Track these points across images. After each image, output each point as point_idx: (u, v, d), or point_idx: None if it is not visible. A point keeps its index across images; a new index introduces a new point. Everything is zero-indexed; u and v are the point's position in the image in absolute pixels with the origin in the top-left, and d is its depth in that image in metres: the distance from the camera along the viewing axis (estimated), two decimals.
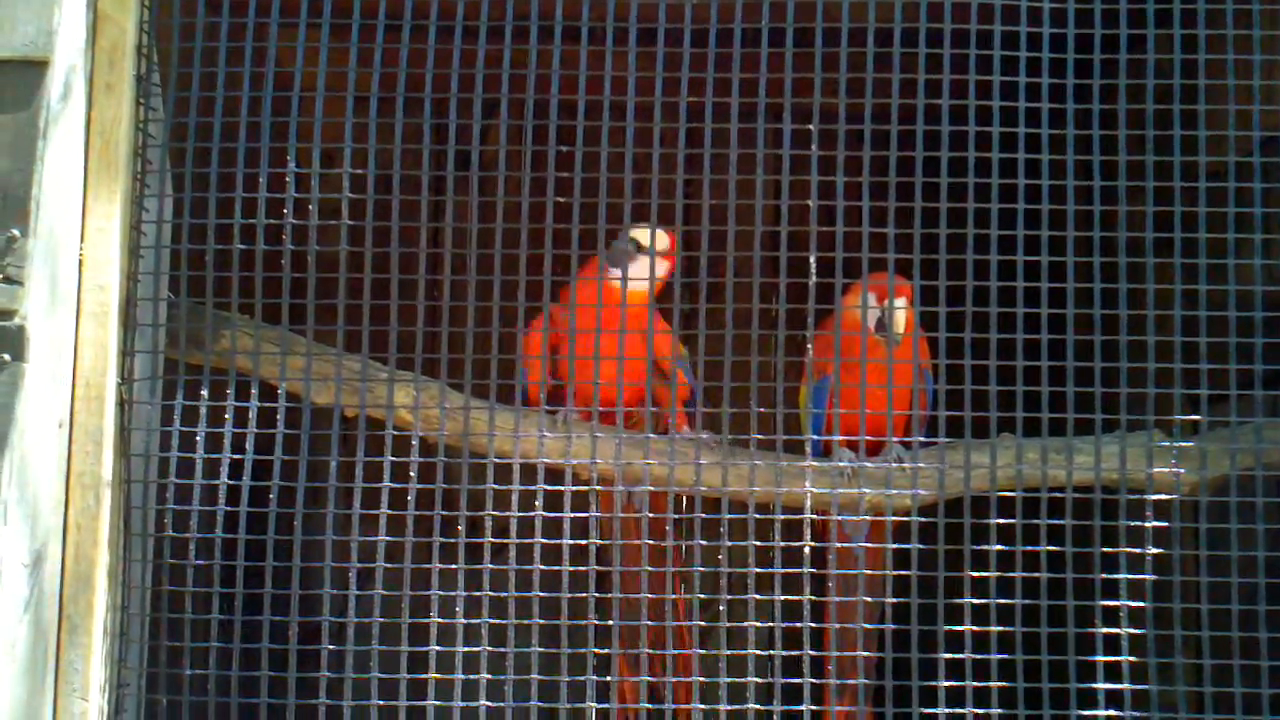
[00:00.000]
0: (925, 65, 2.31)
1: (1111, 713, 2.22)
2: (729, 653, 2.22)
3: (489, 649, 2.19)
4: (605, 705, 2.21)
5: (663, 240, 2.55)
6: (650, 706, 2.22)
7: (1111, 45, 2.32)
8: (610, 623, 2.25)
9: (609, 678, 2.23)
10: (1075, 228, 2.32)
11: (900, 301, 2.56)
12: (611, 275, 2.54)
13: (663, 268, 2.53)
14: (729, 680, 2.21)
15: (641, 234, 2.57)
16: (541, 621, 2.21)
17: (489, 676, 2.18)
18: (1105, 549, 2.27)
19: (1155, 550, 2.26)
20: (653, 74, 2.32)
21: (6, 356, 2.04)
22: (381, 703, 2.19)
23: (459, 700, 2.17)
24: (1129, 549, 2.26)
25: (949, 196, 2.29)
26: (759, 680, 2.23)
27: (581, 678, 2.18)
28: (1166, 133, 2.32)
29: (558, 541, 2.21)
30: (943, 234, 2.28)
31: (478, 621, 2.19)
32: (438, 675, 2.17)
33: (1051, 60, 2.30)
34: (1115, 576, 2.26)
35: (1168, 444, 2.40)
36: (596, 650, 2.24)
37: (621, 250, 2.58)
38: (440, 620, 2.19)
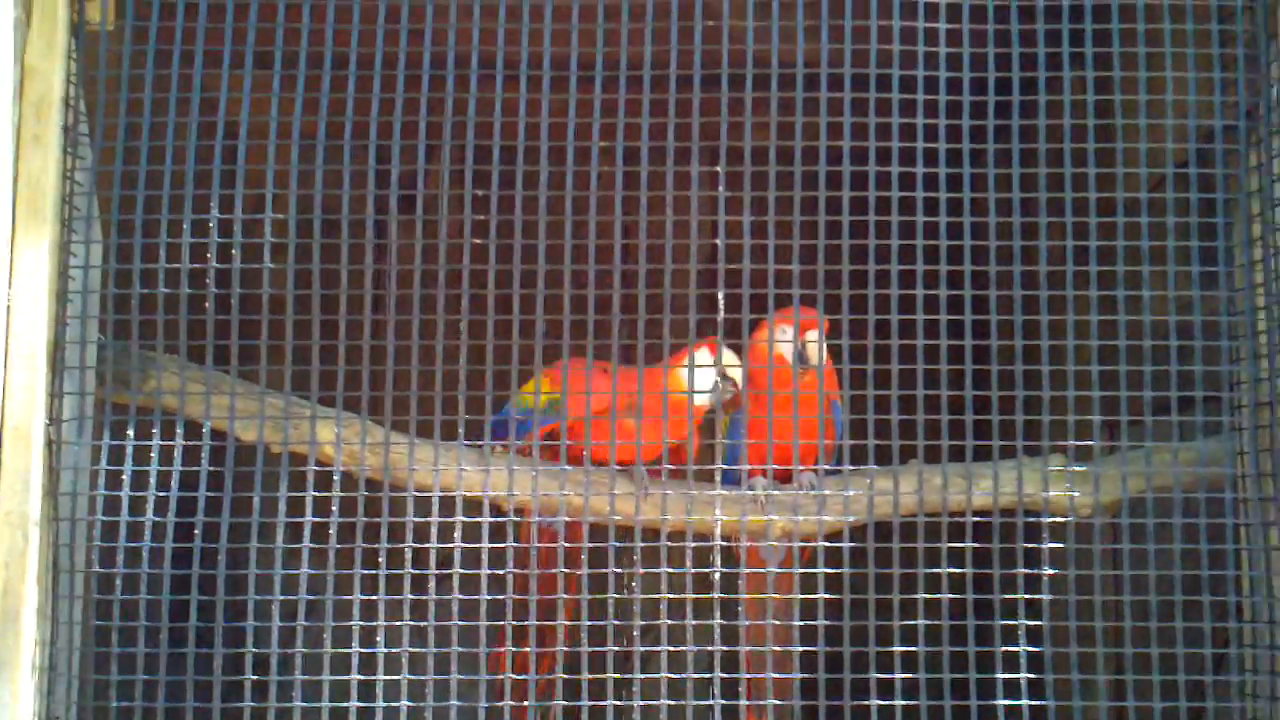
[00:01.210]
0: (828, 106, 2.41)
1: None
2: (643, 676, 2.29)
3: (409, 677, 2.25)
4: None
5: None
6: None
7: (1028, 86, 2.43)
8: (529, 650, 2.32)
9: (526, 703, 2.29)
10: (972, 262, 2.42)
11: (812, 334, 2.65)
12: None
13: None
14: (644, 704, 2.28)
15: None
16: (460, 650, 2.27)
17: (409, 704, 2.24)
18: (1004, 570, 2.36)
19: (1051, 571, 2.36)
20: (582, 119, 2.41)
21: None
22: None
23: None
24: (1026, 570, 2.36)
25: (853, 234, 2.39)
26: (671, 703, 2.30)
27: (500, 704, 2.24)
28: (1058, 171, 2.43)
29: (475, 572, 2.29)
30: (845, 270, 2.38)
31: (398, 651, 2.25)
32: (360, 704, 2.23)
33: (971, 97, 2.41)
34: (1016, 596, 2.35)
35: (1063, 469, 2.51)
36: (514, 677, 2.30)
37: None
38: (362, 650, 2.25)
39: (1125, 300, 2.44)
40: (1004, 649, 2.32)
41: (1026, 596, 2.35)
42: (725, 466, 2.49)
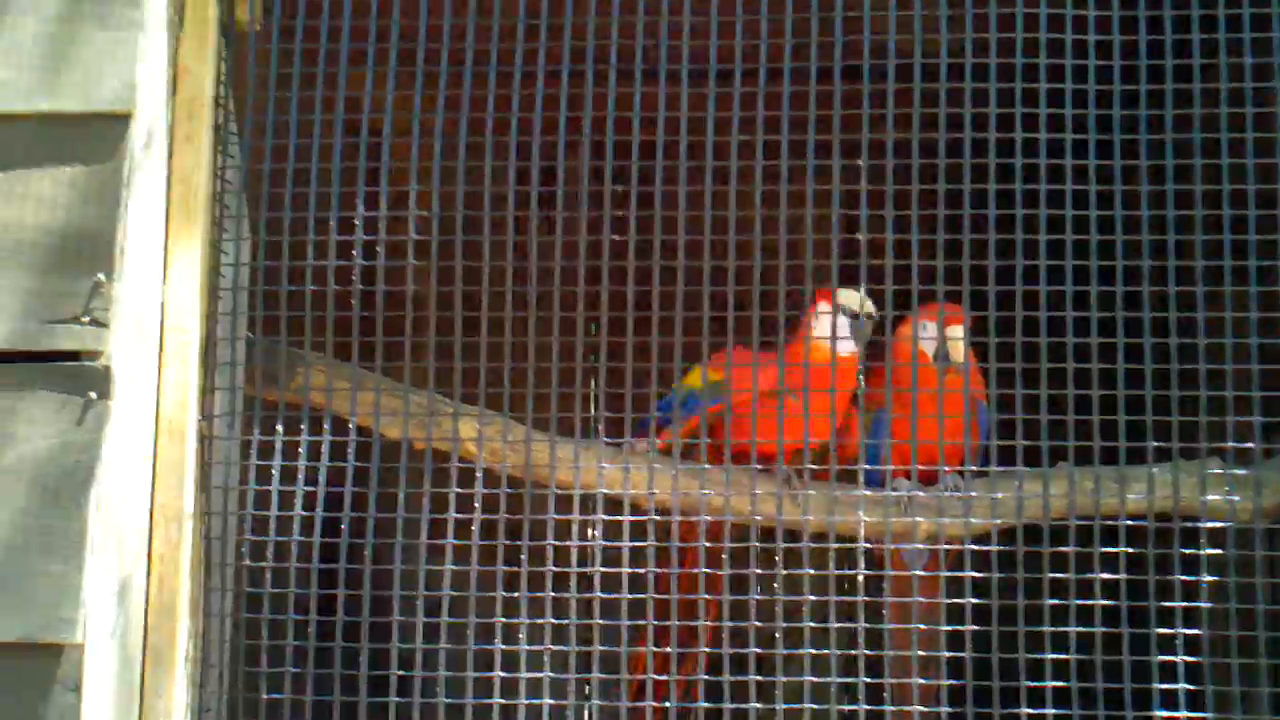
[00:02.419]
0: (972, 99, 2.36)
1: None
2: (786, 679, 2.26)
3: (551, 675, 2.26)
4: None
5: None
6: None
7: (1182, 73, 2.35)
8: (670, 650, 2.30)
9: (668, 703, 2.28)
10: (1124, 256, 2.34)
11: (956, 330, 2.60)
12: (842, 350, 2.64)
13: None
14: (786, 707, 2.25)
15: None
16: (602, 649, 2.27)
17: (551, 702, 2.24)
18: (1160, 577, 2.28)
19: (1210, 578, 2.28)
20: (719, 113, 2.39)
21: (94, 395, 2.13)
22: None
23: None
24: (1184, 577, 2.28)
25: (999, 228, 2.33)
26: (815, 707, 2.27)
27: (641, 704, 2.23)
28: (1214, 162, 2.34)
29: (616, 570, 2.28)
30: (991, 265, 2.32)
31: (540, 648, 2.25)
32: (502, 700, 2.24)
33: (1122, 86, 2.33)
34: (1174, 604, 2.27)
35: (1222, 471, 2.41)
36: (656, 677, 2.29)
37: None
38: (504, 648, 2.26)
39: None
40: (1161, 658, 2.25)
41: (1184, 604, 2.26)
42: (868, 467, 2.44)
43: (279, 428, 2.37)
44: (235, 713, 2.31)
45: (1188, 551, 2.29)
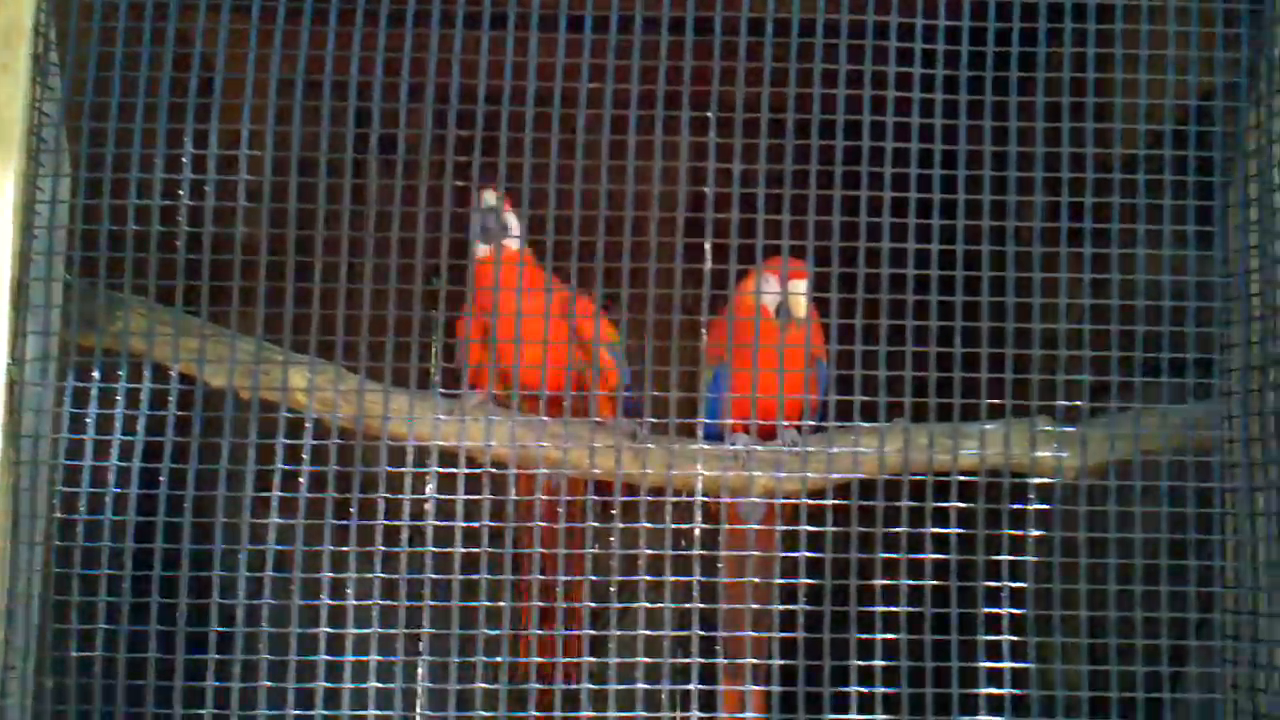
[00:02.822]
0: (820, 55, 2.35)
1: (992, 690, 2.28)
2: (619, 633, 2.25)
3: (380, 630, 2.21)
4: (494, 686, 2.23)
5: (490, 196, 2.57)
6: (540, 687, 2.25)
7: (1004, 37, 2.37)
8: (502, 604, 2.27)
9: (498, 658, 2.25)
10: (965, 216, 2.37)
11: (798, 285, 2.60)
12: (480, 252, 2.57)
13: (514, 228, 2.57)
14: (619, 660, 2.24)
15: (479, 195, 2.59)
16: (433, 604, 2.23)
17: (379, 658, 2.20)
18: (989, 531, 2.33)
19: (1037, 532, 2.33)
20: (560, 61, 2.34)
21: None
22: (270, 684, 2.20)
23: (349, 682, 2.19)
24: (1012, 531, 2.32)
25: (845, 184, 2.33)
26: (649, 660, 2.27)
27: (471, 659, 2.20)
28: (1055, 125, 2.38)
29: (449, 524, 2.24)
30: (836, 221, 2.33)
31: (368, 603, 2.21)
32: (327, 657, 2.19)
33: (946, 53, 2.34)
34: (1001, 558, 2.32)
35: (1050, 429, 2.47)
36: (486, 632, 2.26)
37: (480, 222, 2.60)
38: (331, 603, 2.21)
39: (1118, 259, 2.40)
40: (987, 610, 2.29)
41: (1011, 558, 2.31)
42: (707, 421, 2.44)
43: (95, 374, 2.26)
44: (43, 670, 2.22)
45: (1016, 507, 2.33)
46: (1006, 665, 2.29)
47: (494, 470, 2.34)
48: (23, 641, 2.19)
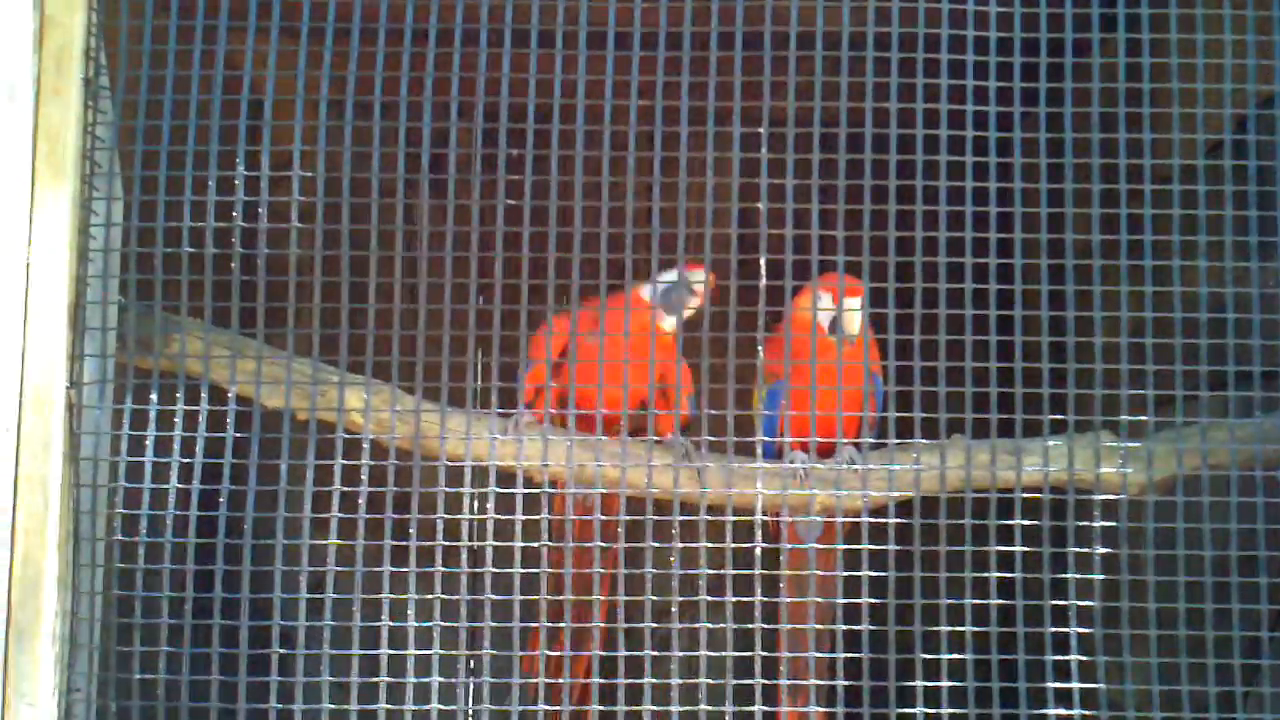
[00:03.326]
0: (872, 69, 2.34)
1: (1060, 711, 2.24)
2: (681, 654, 2.22)
3: (440, 652, 2.19)
4: (557, 709, 2.20)
5: (698, 279, 2.57)
6: (603, 709, 2.21)
7: (1058, 49, 2.35)
8: (563, 625, 2.25)
9: (561, 679, 2.22)
10: (1024, 230, 2.34)
11: (853, 302, 2.57)
12: (665, 319, 2.58)
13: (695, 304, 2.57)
14: (680, 682, 2.21)
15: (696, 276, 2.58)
16: (494, 624, 2.21)
17: (440, 679, 2.18)
18: (1055, 549, 2.29)
19: (1104, 550, 2.29)
20: (609, 78, 2.33)
21: None
22: (332, 706, 2.18)
23: (410, 704, 2.17)
24: (1077, 549, 2.28)
25: (899, 199, 2.31)
26: (712, 682, 2.23)
27: (534, 679, 2.17)
28: (1112, 136, 2.35)
29: (509, 544, 2.21)
30: (891, 236, 2.30)
31: (429, 625, 2.18)
32: (389, 679, 2.16)
33: (999, 65, 2.32)
34: (1067, 576, 2.28)
35: (1115, 445, 2.43)
36: (550, 653, 2.23)
37: (679, 294, 2.59)
38: (391, 624, 2.19)
39: (1180, 271, 2.36)
40: (1054, 630, 2.25)
41: (1077, 576, 2.27)
42: (765, 439, 2.41)
43: (153, 397, 2.25)
44: (106, 693, 2.20)
45: (1082, 524, 2.29)
46: (1075, 685, 2.24)
47: (552, 490, 2.32)
48: (85, 664, 2.18)
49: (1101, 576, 2.28)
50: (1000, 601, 2.25)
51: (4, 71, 2.16)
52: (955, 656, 2.22)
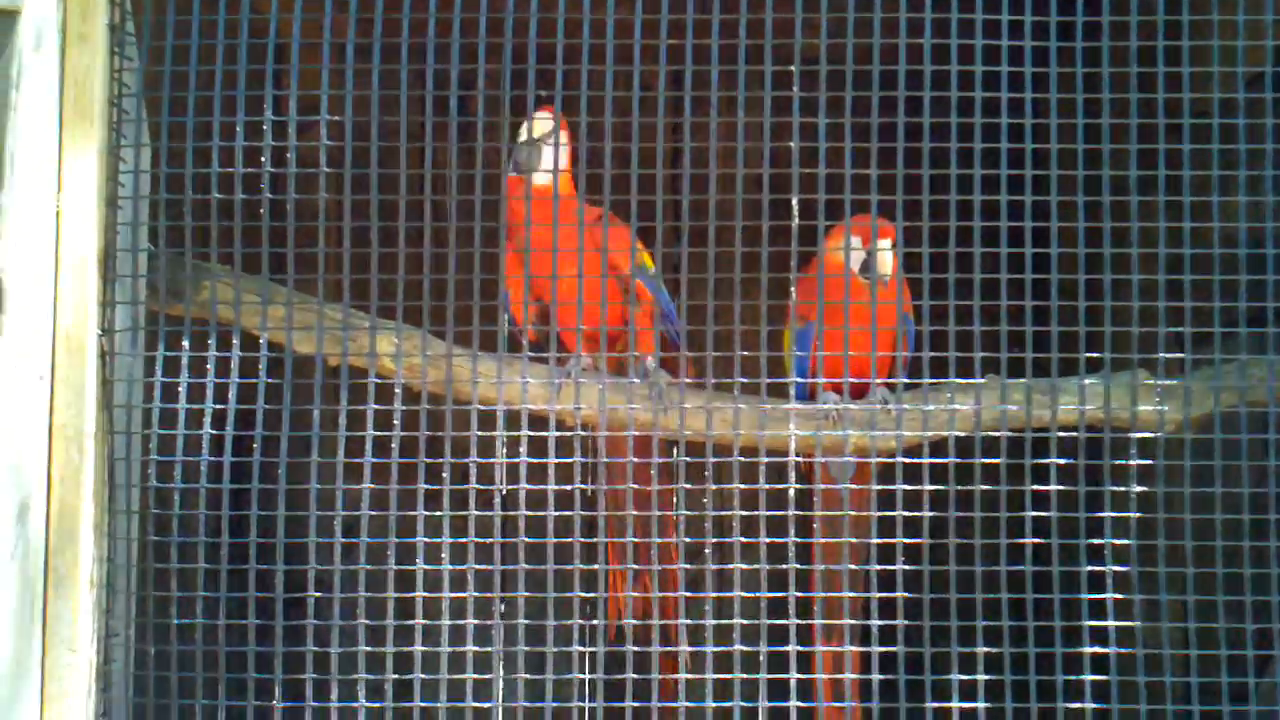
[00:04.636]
0: (906, 4, 2.29)
1: (1096, 649, 2.23)
2: (715, 594, 2.22)
3: (475, 594, 2.20)
4: (593, 649, 2.21)
5: (542, 125, 2.51)
6: (637, 649, 2.22)
7: None
8: (597, 568, 2.25)
9: (595, 621, 2.23)
10: (1059, 166, 2.30)
11: (885, 243, 2.55)
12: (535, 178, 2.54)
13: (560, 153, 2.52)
14: (715, 623, 2.21)
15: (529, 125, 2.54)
16: (528, 567, 2.21)
17: (476, 622, 2.19)
18: (1090, 488, 2.27)
19: (1140, 488, 2.27)
20: (634, 17, 2.30)
21: None
22: (368, 649, 2.20)
23: (446, 645, 2.18)
24: (1113, 488, 2.26)
25: (932, 137, 2.27)
26: (745, 622, 2.24)
27: (569, 622, 2.18)
28: (1150, 70, 2.30)
29: (542, 487, 2.21)
30: (925, 174, 2.27)
31: (464, 568, 2.19)
32: (424, 621, 2.18)
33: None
34: (1103, 514, 2.26)
35: (1152, 382, 2.40)
36: (583, 595, 2.24)
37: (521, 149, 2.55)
38: (426, 567, 2.20)
39: (1219, 207, 2.32)
40: (1090, 569, 2.24)
41: (1113, 515, 2.25)
42: (796, 380, 2.39)
43: (185, 343, 2.25)
44: (145, 637, 2.22)
45: (1118, 463, 2.27)
46: (1111, 624, 2.23)
47: (585, 433, 2.32)
48: (123, 609, 2.20)
49: (1138, 515, 2.26)
50: (1036, 540, 2.23)
51: (30, 18, 2.14)
52: (990, 595, 2.21)
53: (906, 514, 2.24)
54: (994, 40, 2.28)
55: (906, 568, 2.23)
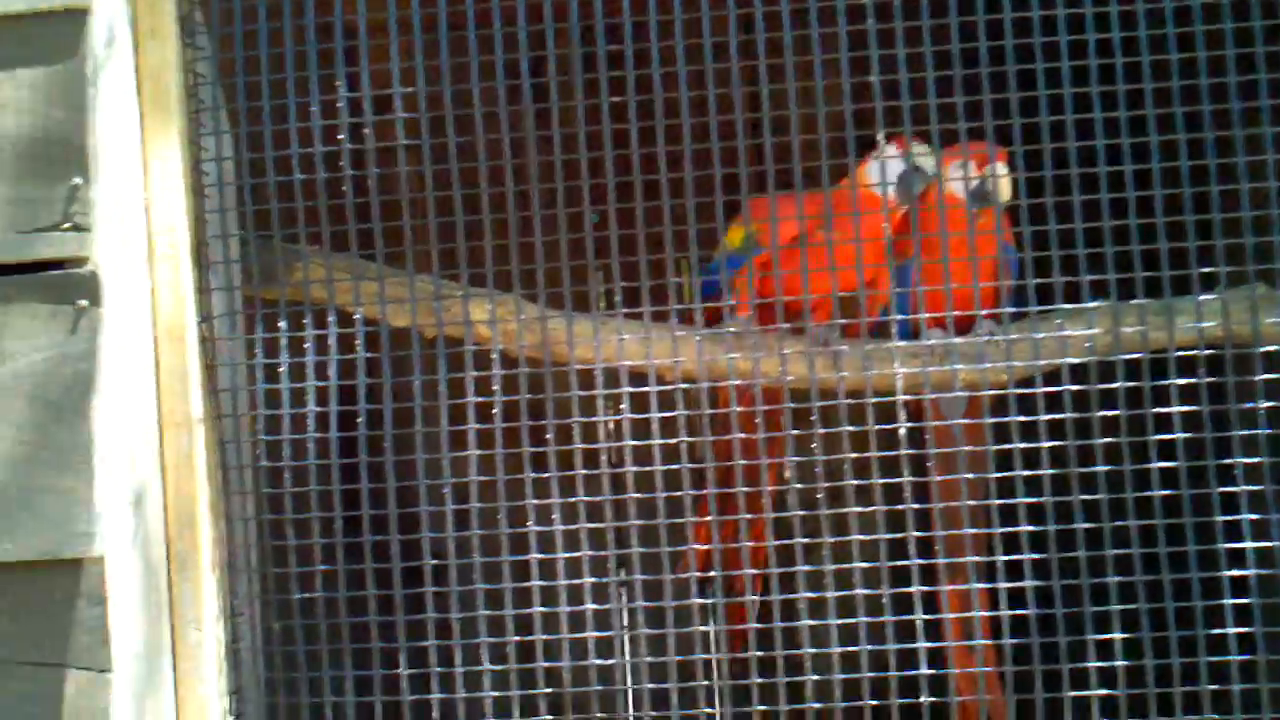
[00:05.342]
0: None
1: (1236, 572, 2.15)
2: (833, 539, 2.18)
3: (590, 554, 2.18)
4: (710, 600, 2.18)
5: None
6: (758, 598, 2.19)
7: None
8: (710, 519, 2.22)
9: (713, 573, 2.20)
10: (1153, 79, 2.22)
11: (1002, 167, 2.48)
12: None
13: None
14: (835, 567, 2.17)
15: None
16: (640, 523, 2.19)
17: (593, 580, 2.17)
18: (1215, 407, 2.19)
19: (1268, 404, 2.18)
20: None
21: (84, 302, 2.04)
22: (488, 613, 2.19)
23: (566, 605, 2.17)
24: (1240, 405, 2.18)
25: (1018, 59, 2.21)
26: (865, 566, 2.19)
27: (685, 575, 2.15)
28: None
29: (646, 443, 2.19)
30: (1013, 97, 2.20)
31: (576, 527, 2.18)
32: (541, 583, 2.16)
33: None
34: (1230, 434, 2.17)
35: (1273, 294, 2.31)
36: (697, 547, 2.21)
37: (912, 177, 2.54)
38: (539, 529, 2.18)
39: None
40: (1221, 490, 2.16)
41: (1242, 433, 2.17)
42: (897, 317, 2.33)
43: (283, 324, 2.26)
44: (268, 615, 2.24)
45: (1243, 379, 2.19)
46: (1249, 545, 2.15)
47: (685, 386, 2.28)
48: (246, 588, 2.22)
49: (1268, 431, 2.18)
50: (1162, 464, 2.16)
51: (100, 16, 2.15)
52: (1118, 523, 2.14)
53: (1024, 445, 2.18)
54: None
55: (1029, 500, 2.16)
